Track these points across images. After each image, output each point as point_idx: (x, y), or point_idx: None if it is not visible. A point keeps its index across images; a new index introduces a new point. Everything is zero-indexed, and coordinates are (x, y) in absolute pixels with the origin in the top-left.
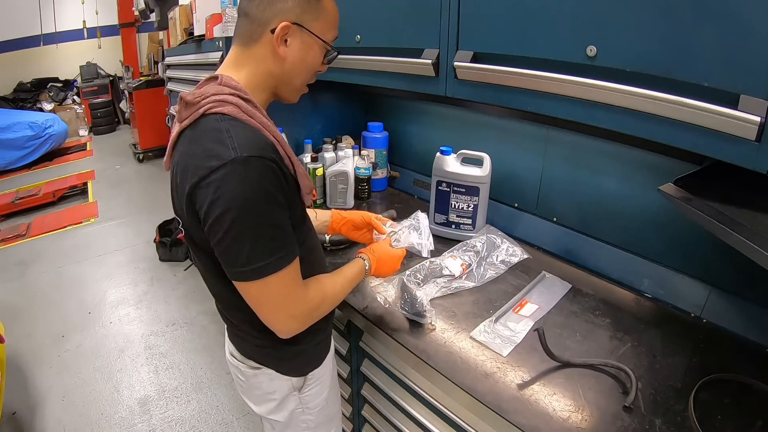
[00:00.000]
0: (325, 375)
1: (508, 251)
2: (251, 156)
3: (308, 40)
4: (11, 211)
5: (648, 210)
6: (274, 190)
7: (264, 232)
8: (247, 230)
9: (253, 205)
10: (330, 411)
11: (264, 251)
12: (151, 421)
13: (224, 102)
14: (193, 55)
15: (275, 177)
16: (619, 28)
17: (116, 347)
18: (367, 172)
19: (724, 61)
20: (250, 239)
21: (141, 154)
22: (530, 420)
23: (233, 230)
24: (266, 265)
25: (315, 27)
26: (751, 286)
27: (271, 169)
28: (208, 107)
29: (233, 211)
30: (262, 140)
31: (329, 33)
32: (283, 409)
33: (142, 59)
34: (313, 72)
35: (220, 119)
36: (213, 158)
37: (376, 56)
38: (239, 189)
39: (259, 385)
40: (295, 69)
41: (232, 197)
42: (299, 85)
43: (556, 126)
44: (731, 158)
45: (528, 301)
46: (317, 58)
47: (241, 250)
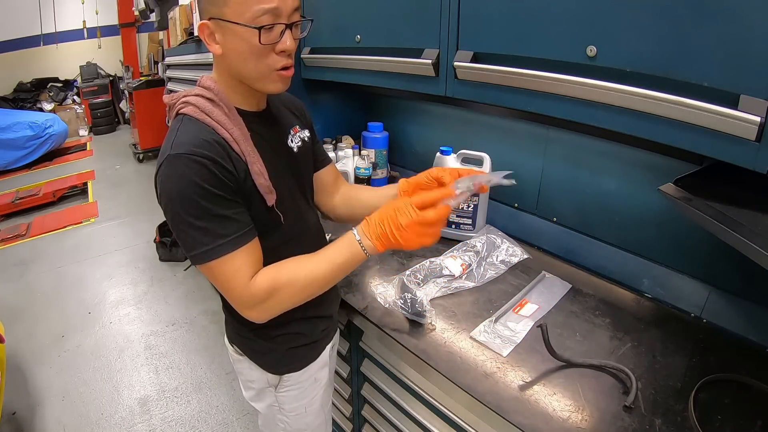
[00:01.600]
0: (306, 382)
1: (508, 251)
2: (180, 153)
3: (228, 29)
4: (11, 211)
5: (648, 210)
6: (207, 184)
7: (198, 221)
8: (182, 219)
9: (182, 198)
10: (310, 421)
11: (201, 237)
12: (151, 421)
13: (187, 103)
14: (193, 55)
15: (206, 171)
16: (619, 28)
17: (116, 347)
18: (367, 172)
19: (724, 61)
20: (187, 227)
21: (141, 154)
22: (530, 420)
23: (174, 220)
24: (206, 251)
25: (226, 13)
26: (751, 286)
27: (199, 164)
28: (178, 108)
29: (169, 202)
30: (202, 138)
31: (247, 12)
32: (261, 401)
33: (142, 59)
34: (258, 56)
35: (180, 119)
36: (161, 155)
37: (376, 56)
38: (169, 183)
39: (242, 370)
40: (235, 61)
41: (166, 190)
42: (255, 74)
43: (556, 126)
44: (731, 158)
45: (528, 301)
46: (248, 42)
47: (183, 237)
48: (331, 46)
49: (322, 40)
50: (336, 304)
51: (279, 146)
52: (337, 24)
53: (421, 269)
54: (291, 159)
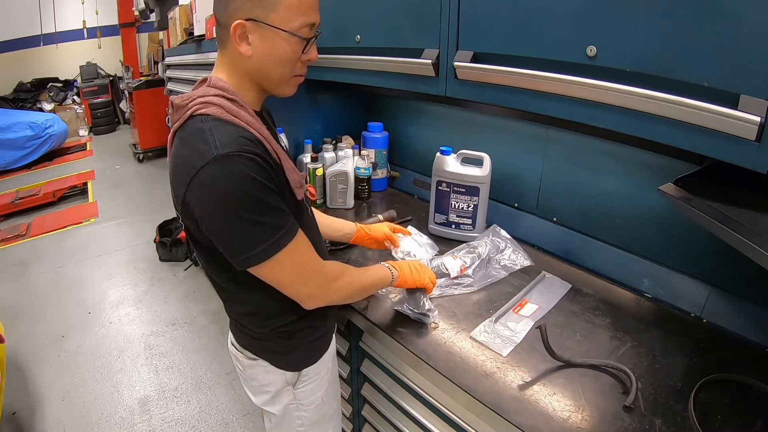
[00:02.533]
0: (321, 373)
1: (511, 258)
2: (232, 152)
3: (269, 33)
4: (11, 211)
5: (648, 210)
6: (261, 178)
7: (260, 217)
8: (242, 219)
9: (242, 196)
10: (326, 411)
11: (265, 232)
12: (151, 421)
13: (209, 103)
14: (193, 55)
15: (259, 167)
16: (619, 28)
17: (116, 347)
18: (367, 172)
19: (724, 61)
20: (249, 226)
21: (141, 154)
22: (530, 420)
23: (228, 222)
24: (272, 243)
25: (273, 19)
26: (751, 286)
27: (253, 161)
28: (194, 109)
29: (224, 205)
30: (244, 137)
31: (294, 21)
32: (278, 403)
33: (142, 59)
34: (290, 64)
35: (204, 120)
36: (199, 158)
37: (376, 56)
38: (225, 184)
39: (255, 376)
40: (264, 65)
41: (220, 193)
42: (278, 79)
43: (556, 126)
44: (731, 158)
45: (528, 301)
46: (287, 49)
47: (243, 238)
48: (331, 46)
49: (322, 40)
50: None
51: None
52: (337, 24)
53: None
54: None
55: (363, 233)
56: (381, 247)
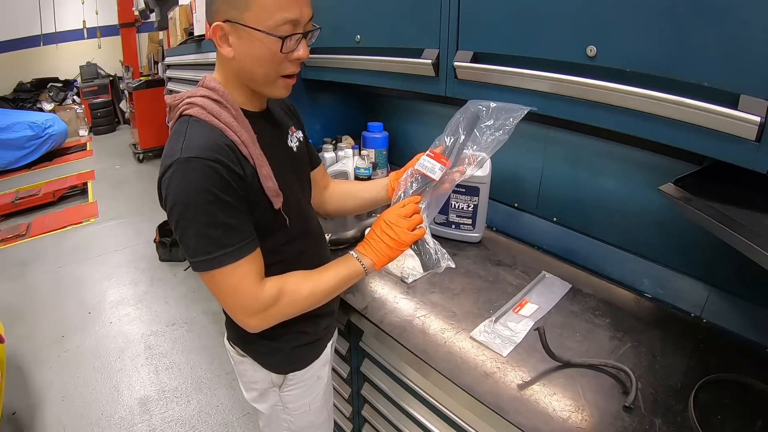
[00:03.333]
0: (310, 380)
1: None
2: (191, 157)
3: (245, 34)
4: (11, 211)
5: (648, 210)
6: (216, 190)
7: (205, 229)
8: (189, 225)
9: (191, 203)
10: (313, 420)
11: (206, 245)
12: (151, 421)
13: (193, 104)
14: (193, 55)
15: (217, 177)
16: (619, 28)
17: (116, 347)
18: (367, 172)
19: (724, 61)
20: (193, 234)
21: (141, 154)
22: (530, 420)
23: (179, 225)
24: (210, 259)
25: (247, 18)
26: (751, 286)
27: (212, 169)
28: (182, 109)
29: (176, 207)
30: (214, 141)
31: (269, 19)
32: (265, 401)
33: (142, 59)
34: (270, 63)
35: (185, 121)
36: (167, 158)
37: (376, 56)
38: (179, 187)
39: (244, 372)
40: (246, 65)
41: (174, 195)
42: (263, 79)
43: (556, 126)
44: (731, 158)
45: (528, 301)
46: (264, 49)
47: (188, 243)
48: (331, 46)
49: (321, 40)
50: (337, 301)
51: (281, 147)
52: (337, 24)
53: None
54: (292, 159)
55: (394, 176)
56: None
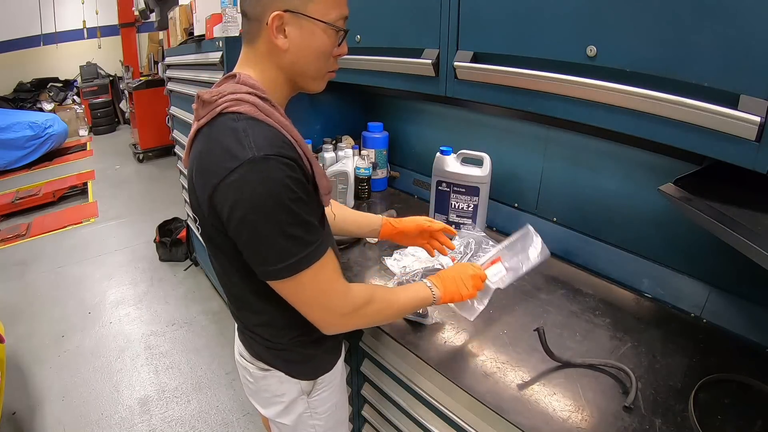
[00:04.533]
0: (335, 380)
1: None
2: (269, 155)
3: (308, 25)
4: (11, 211)
5: (648, 210)
6: (295, 187)
7: (290, 229)
8: (273, 229)
9: (275, 204)
10: (339, 416)
11: (293, 247)
12: (151, 421)
13: (241, 101)
14: (193, 55)
15: (294, 174)
16: (620, 28)
17: (116, 347)
18: (367, 172)
19: (724, 61)
20: (278, 237)
21: (141, 154)
22: (530, 420)
23: (259, 230)
24: (298, 260)
25: (311, 10)
26: (751, 286)
27: (289, 167)
28: (225, 106)
29: (256, 211)
30: (280, 139)
31: (332, 12)
32: (291, 413)
33: (142, 59)
34: (326, 57)
35: (236, 118)
36: (231, 159)
37: (376, 56)
38: (259, 189)
39: (268, 387)
40: (302, 58)
41: (253, 198)
42: (314, 73)
43: (556, 126)
44: (731, 158)
45: (500, 260)
46: (325, 41)
47: (271, 248)
48: None
49: None
50: None
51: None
52: None
53: (414, 265)
54: None
55: (389, 227)
56: (415, 243)
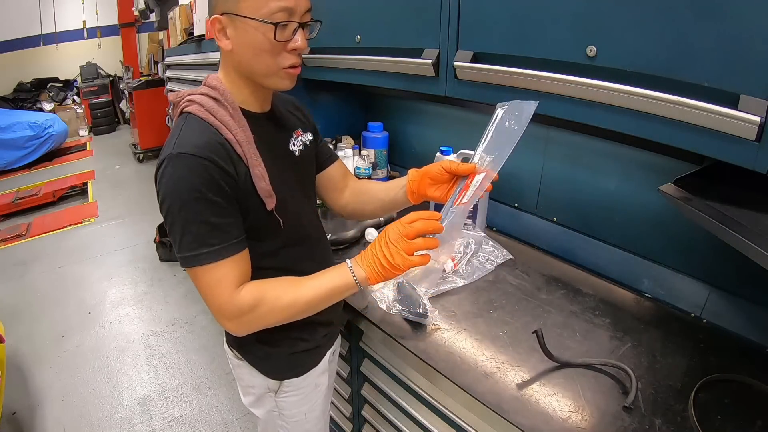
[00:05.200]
0: (307, 388)
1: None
2: (182, 153)
3: (240, 24)
4: (11, 211)
5: (648, 210)
6: (203, 188)
7: (190, 226)
8: (175, 221)
9: (178, 199)
10: (309, 428)
11: (190, 243)
12: (151, 421)
13: (192, 101)
14: (193, 55)
15: (207, 175)
16: (619, 28)
17: (116, 347)
18: (367, 172)
19: (724, 61)
20: (179, 230)
21: (141, 154)
22: (530, 420)
23: (167, 219)
24: (191, 256)
25: (242, 8)
26: (751, 286)
27: (202, 167)
28: (182, 106)
29: (165, 201)
30: (207, 138)
31: (263, 8)
32: (261, 407)
33: (142, 59)
34: (270, 53)
35: (184, 118)
36: (162, 153)
37: (376, 56)
38: (169, 183)
39: (241, 376)
40: (245, 57)
41: (165, 190)
42: (264, 70)
43: (556, 126)
44: (731, 158)
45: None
46: (260, 37)
47: (174, 238)
48: (331, 46)
49: (321, 40)
50: (336, 312)
51: (281, 150)
52: (337, 24)
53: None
54: (293, 163)
55: (414, 175)
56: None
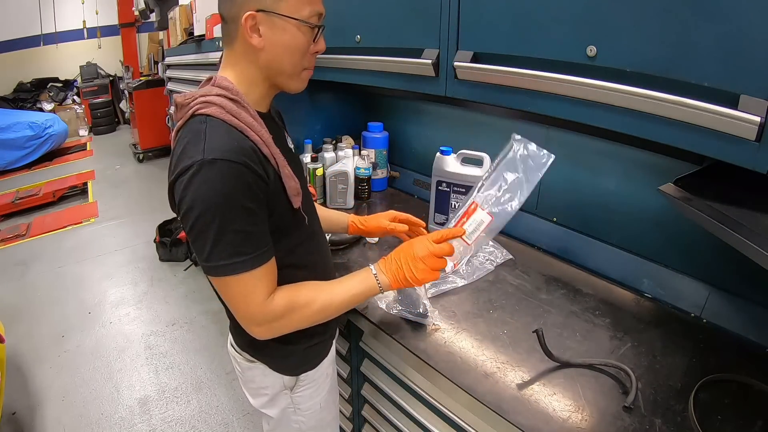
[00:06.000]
0: (320, 378)
1: (494, 253)
2: (216, 159)
3: (280, 23)
4: (11, 211)
5: (648, 210)
6: (239, 195)
7: (223, 235)
8: (207, 229)
9: (212, 207)
10: (324, 416)
11: (222, 252)
12: (151, 421)
13: (209, 103)
14: (193, 55)
15: (242, 181)
16: (619, 28)
17: (116, 347)
18: (367, 172)
19: (724, 61)
20: (211, 238)
21: (141, 154)
22: (530, 420)
23: (196, 228)
24: (224, 265)
25: (282, 8)
26: (751, 286)
27: (238, 173)
28: (195, 108)
29: (195, 209)
30: (237, 142)
31: (304, 9)
32: (275, 406)
33: (142, 59)
34: (301, 54)
35: (202, 120)
36: (186, 159)
37: (376, 56)
38: (201, 190)
39: (253, 378)
40: (277, 56)
41: (195, 197)
42: (291, 71)
43: (556, 126)
44: (731, 158)
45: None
46: (297, 38)
47: (204, 247)
48: (331, 46)
49: None
50: None
51: (286, 148)
52: (337, 24)
53: None
54: (296, 159)
55: (355, 227)
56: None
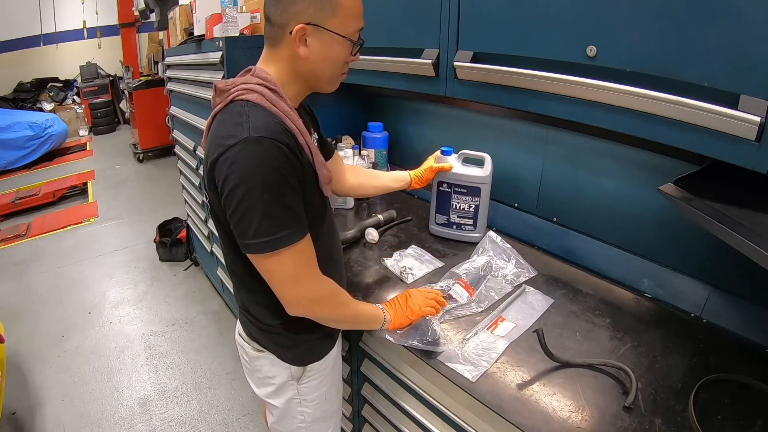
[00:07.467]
0: (325, 370)
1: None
2: (262, 137)
3: (327, 37)
4: (11, 211)
5: (648, 210)
6: (285, 171)
7: (271, 209)
8: (255, 204)
9: (261, 181)
10: (328, 408)
11: (272, 226)
12: (151, 421)
13: (250, 90)
14: (193, 55)
15: (286, 159)
16: (620, 28)
17: (116, 347)
18: None
19: (724, 61)
20: (258, 213)
21: (141, 154)
22: (530, 420)
23: (243, 204)
24: (275, 239)
25: (332, 24)
26: (750, 286)
27: (282, 151)
28: (236, 94)
29: (243, 185)
30: (278, 125)
31: (350, 26)
32: (281, 396)
33: (142, 59)
34: (341, 64)
35: (243, 105)
36: (230, 138)
37: (376, 56)
38: (249, 165)
39: (260, 367)
40: (319, 66)
41: (243, 173)
42: (329, 78)
43: (556, 126)
44: (731, 158)
45: (504, 319)
46: (341, 52)
47: (251, 223)
48: None
49: None
50: None
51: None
52: None
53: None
54: None
55: (417, 181)
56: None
